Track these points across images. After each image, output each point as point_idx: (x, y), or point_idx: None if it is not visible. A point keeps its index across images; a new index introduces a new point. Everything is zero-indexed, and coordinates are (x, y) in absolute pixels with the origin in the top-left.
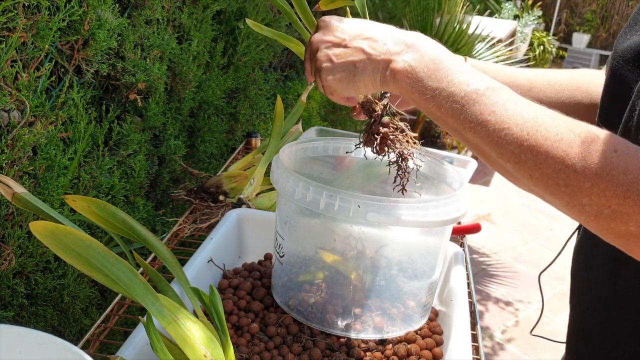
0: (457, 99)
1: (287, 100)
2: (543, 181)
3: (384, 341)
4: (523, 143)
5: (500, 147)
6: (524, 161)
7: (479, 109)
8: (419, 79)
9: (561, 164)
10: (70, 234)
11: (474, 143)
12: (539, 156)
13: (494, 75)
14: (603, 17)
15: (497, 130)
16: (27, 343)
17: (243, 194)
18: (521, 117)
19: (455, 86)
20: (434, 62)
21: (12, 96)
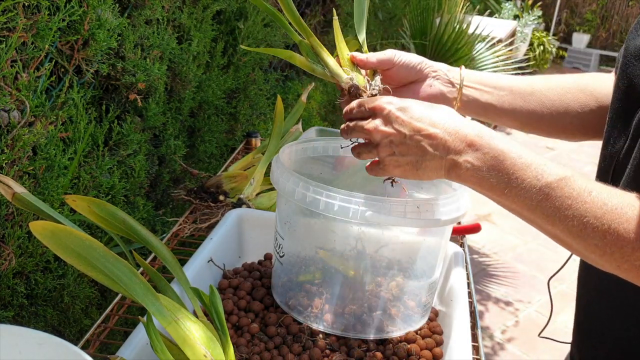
0: (530, 195)
1: (287, 100)
2: (633, 272)
3: (384, 341)
4: (606, 236)
5: (582, 240)
6: (610, 253)
7: (554, 203)
8: (485, 178)
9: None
10: (70, 234)
11: (554, 235)
12: (625, 249)
13: (494, 81)
14: (603, 17)
15: (576, 224)
16: (27, 343)
17: (243, 194)
18: (600, 208)
19: (526, 182)
20: (497, 160)
21: (12, 96)
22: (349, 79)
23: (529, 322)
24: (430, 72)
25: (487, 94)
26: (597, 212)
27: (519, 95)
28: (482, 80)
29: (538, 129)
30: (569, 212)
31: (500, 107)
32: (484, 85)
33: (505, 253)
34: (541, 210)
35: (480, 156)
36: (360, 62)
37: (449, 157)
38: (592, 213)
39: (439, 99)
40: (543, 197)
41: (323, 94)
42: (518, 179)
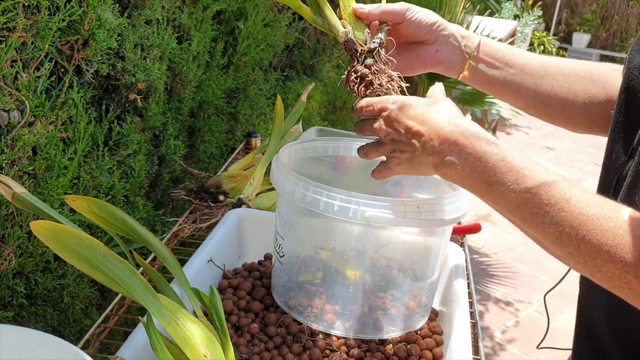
0: (510, 198)
1: (287, 100)
2: (606, 282)
3: (384, 341)
4: (580, 246)
5: (559, 246)
6: (583, 262)
7: (532, 209)
8: (467, 177)
9: (621, 269)
10: (70, 234)
11: (534, 237)
12: (598, 260)
13: (508, 57)
14: (603, 17)
15: (553, 231)
16: (27, 343)
17: (243, 194)
18: (576, 217)
19: (506, 186)
20: (479, 161)
21: (12, 96)
22: (344, 32)
23: (529, 322)
24: (441, 36)
25: (496, 69)
26: (573, 221)
27: (529, 77)
28: (496, 54)
29: (542, 113)
30: (546, 219)
31: (507, 85)
32: (496, 59)
33: (505, 253)
34: (520, 213)
35: (463, 156)
36: (362, 15)
37: (435, 156)
38: (568, 222)
39: (443, 67)
40: (521, 201)
41: (323, 94)
42: (499, 181)
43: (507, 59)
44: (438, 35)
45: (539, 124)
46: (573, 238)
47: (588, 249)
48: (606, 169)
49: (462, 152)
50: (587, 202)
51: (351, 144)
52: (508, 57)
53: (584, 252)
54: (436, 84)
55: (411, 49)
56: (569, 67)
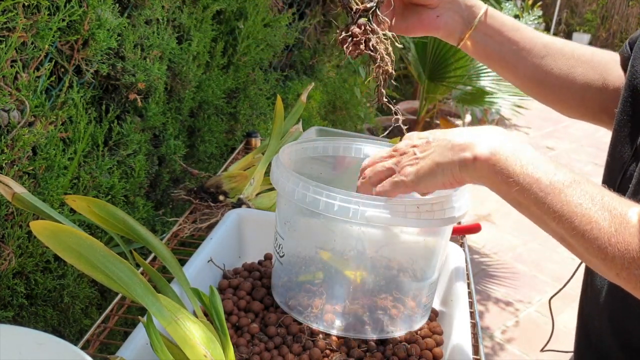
0: (542, 186)
1: (287, 100)
2: (632, 281)
3: (384, 341)
4: (611, 240)
5: (587, 241)
6: (611, 259)
7: (564, 199)
8: (501, 162)
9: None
10: (70, 234)
11: (558, 233)
12: (627, 255)
13: (512, 33)
14: (603, 17)
15: (582, 224)
16: (27, 343)
17: (243, 194)
18: (609, 212)
19: (541, 173)
20: (516, 149)
21: (12, 96)
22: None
23: (529, 322)
24: (444, 1)
25: (497, 43)
26: (605, 214)
27: (530, 55)
28: (500, 28)
29: (537, 93)
30: (578, 210)
31: (505, 61)
32: (499, 34)
33: (505, 253)
34: (549, 204)
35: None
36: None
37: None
38: (601, 215)
39: (443, 33)
40: (555, 190)
41: (323, 94)
42: (535, 168)
43: (511, 35)
44: (441, 0)
45: (539, 124)
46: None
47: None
48: (609, 168)
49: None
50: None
51: (351, 144)
52: (512, 33)
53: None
54: None
55: (412, 11)
56: (571, 50)
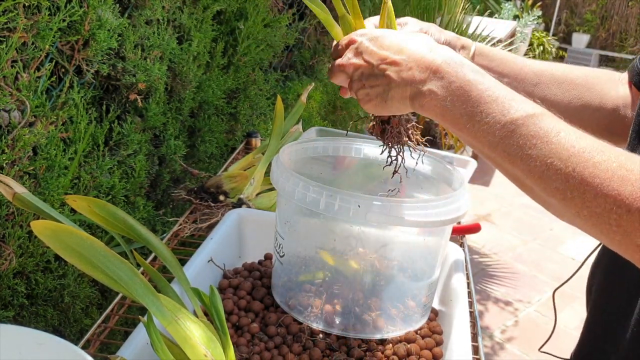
0: (493, 130)
1: (287, 100)
2: (592, 220)
3: (384, 341)
4: (569, 179)
5: (543, 181)
6: (570, 198)
7: (517, 141)
8: (448, 108)
9: (612, 203)
10: (71, 234)
11: (513, 174)
12: (587, 194)
13: (501, 67)
14: (603, 17)
15: (539, 165)
16: (27, 343)
17: (243, 194)
18: (566, 150)
19: (490, 117)
20: (462, 90)
21: (13, 96)
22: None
23: (528, 322)
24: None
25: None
26: (562, 153)
27: (522, 85)
28: (489, 65)
29: None
30: (533, 152)
31: None
32: (488, 69)
33: (505, 253)
34: (503, 147)
35: (445, 84)
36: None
37: (413, 86)
38: (557, 154)
39: None
40: (507, 133)
41: (323, 94)
42: (482, 112)
43: (500, 70)
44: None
45: None
46: (561, 171)
47: (577, 183)
48: None
49: (444, 80)
50: (578, 136)
51: (351, 144)
52: (501, 67)
53: (572, 187)
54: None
55: None
56: (563, 75)
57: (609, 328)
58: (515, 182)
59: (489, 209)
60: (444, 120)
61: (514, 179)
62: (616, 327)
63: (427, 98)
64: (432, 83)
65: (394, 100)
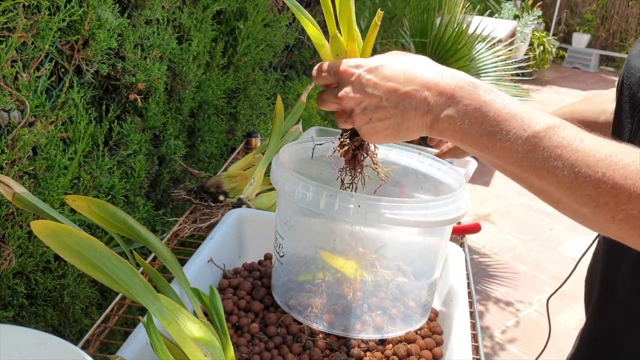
0: (516, 146)
1: (287, 100)
2: (629, 223)
3: (384, 341)
4: (599, 185)
5: (573, 191)
6: (604, 204)
7: (542, 154)
8: (467, 131)
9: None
10: (71, 234)
11: (541, 189)
12: (621, 197)
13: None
14: (603, 17)
15: (567, 175)
16: (27, 343)
17: (243, 194)
18: (592, 156)
19: (511, 133)
20: (479, 112)
21: (13, 96)
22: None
23: (529, 322)
24: None
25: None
26: (589, 160)
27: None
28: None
29: None
30: (559, 163)
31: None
32: None
33: (505, 253)
34: (528, 162)
35: (461, 108)
36: None
37: (429, 115)
38: (584, 161)
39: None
40: (530, 147)
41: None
42: (502, 130)
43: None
44: None
45: None
46: (590, 178)
47: (609, 187)
48: None
49: (460, 104)
50: (601, 142)
51: None
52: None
53: (605, 192)
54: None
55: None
56: (570, 113)
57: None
58: (543, 197)
59: (489, 209)
60: (464, 143)
61: (542, 193)
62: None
63: (445, 124)
64: (449, 109)
65: (409, 131)
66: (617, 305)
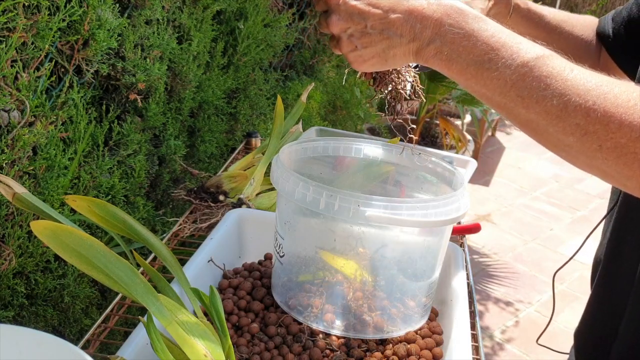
0: (504, 76)
1: (287, 100)
2: (616, 151)
3: (384, 341)
4: (589, 113)
5: (562, 120)
6: (592, 132)
7: (530, 83)
8: (454, 59)
9: (638, 133)
10: (71, 234)
11: (526, 119)
12: (611, 125)
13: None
14: None
15: (556, 104)
16: (27, 343)
17: (243, 194)
18: (582, 85)
19: (500, 63)
20: (467, 40)
21: (12, 96)
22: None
23: (529, 322)
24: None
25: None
26: (579, 89)
27: (526, 18)
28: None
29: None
30: (548, 92)
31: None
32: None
33: (505, 253)
34: (516, 91)
35: (449, 37)
36: None
37: (415, 42)
38: (574, 90)
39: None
40: (518, 77)
41: (323, 94)
42: (491, 59)
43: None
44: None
45: None
46: (580, 106)
47: (600, 115)
48: None
49: (448, 33)
50: (590, 73)
51: (351, 144)
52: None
53: (594, 120)
54: None
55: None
56: (564, 14)
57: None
58: (527, 128)
59: (489, 209)
60: (450, 71)
61: (527, 124)
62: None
63: (431, 52)
64: (436, 37)
65: (395, 58)
66: (621, 275)
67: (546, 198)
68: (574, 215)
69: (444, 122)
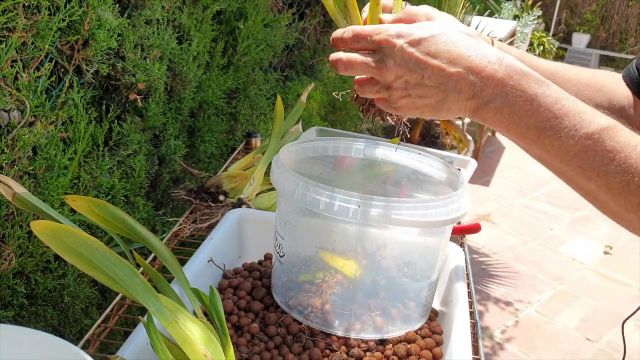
0: (566, 146)
1: (287, 100)
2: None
3: (384, 341)
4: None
5: (623, 197)
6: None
7: (593, 157)
8: (514, 122)
9: None
10: (71, 234)
11: (587, 189)
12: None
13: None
14: (603, 17)
15: (618, 181)
16: (27, 343)
17: (243, 194)
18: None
19: (563, 132)
20: (529, 105)
21: (12, 96)
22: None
23: (528, 322)
24: None
25: None
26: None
27: None
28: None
29: None
30: (610, 167)
31: None
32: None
33: (505, 253)
34: (577, 162)
35: (510, 99)
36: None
37: (474, 100)
38: (637, 169)
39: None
40: (581, 148)
41: (323, 94)
42: (554, 127)
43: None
44: None
45: None
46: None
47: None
48: None
49: (509, 94)
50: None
51: (351, 144)
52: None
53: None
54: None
55: None
56: (575, 76)
57: None
58: (588, 198)
59: (489, 209)
60: (509, 132)
61: (588, 194)
62: None
63: (490, 112)
64: (496, 97)
65: (450, 112)
66: None
67: (546, 198)
68: (574, 215)
69: (444, 122)
